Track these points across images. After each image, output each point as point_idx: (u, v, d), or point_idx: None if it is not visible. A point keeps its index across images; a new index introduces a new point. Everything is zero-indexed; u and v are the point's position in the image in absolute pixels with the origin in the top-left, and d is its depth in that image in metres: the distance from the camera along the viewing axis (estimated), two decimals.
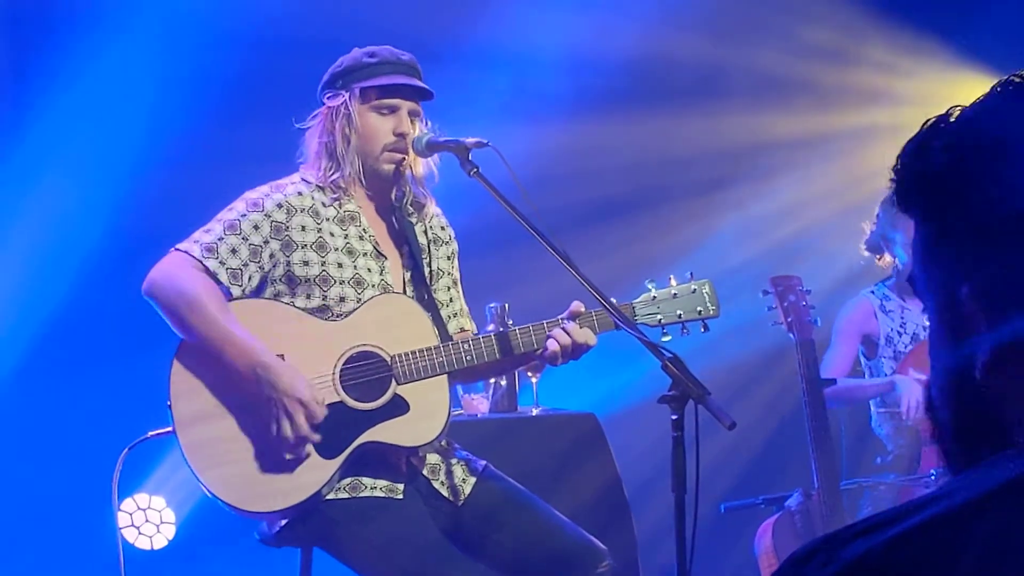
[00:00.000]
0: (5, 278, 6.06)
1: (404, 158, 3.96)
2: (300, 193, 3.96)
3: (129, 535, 6.44)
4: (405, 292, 4.01)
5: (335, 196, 3.97)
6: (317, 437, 3.77)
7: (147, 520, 6.53)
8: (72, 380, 6.21)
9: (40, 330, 6.18)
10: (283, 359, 3.80)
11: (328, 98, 3.99)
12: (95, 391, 6.12)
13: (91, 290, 5.98)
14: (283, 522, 3.90)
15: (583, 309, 3.87)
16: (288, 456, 3.79)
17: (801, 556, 1.33)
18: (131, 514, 6.47)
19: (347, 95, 3.94)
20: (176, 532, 6.58)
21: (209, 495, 3.82)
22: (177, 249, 3.84)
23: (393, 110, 3.94)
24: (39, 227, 6.23)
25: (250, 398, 3.82)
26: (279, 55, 6.07)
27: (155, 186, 6.04)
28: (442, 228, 4.18)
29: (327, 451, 3.81)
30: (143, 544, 6.50)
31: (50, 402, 6.21)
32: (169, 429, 3.88)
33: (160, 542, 6.54)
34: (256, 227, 3.88)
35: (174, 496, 6.54)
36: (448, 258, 4.17)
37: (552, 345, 3.84)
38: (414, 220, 4.10)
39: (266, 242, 3.89)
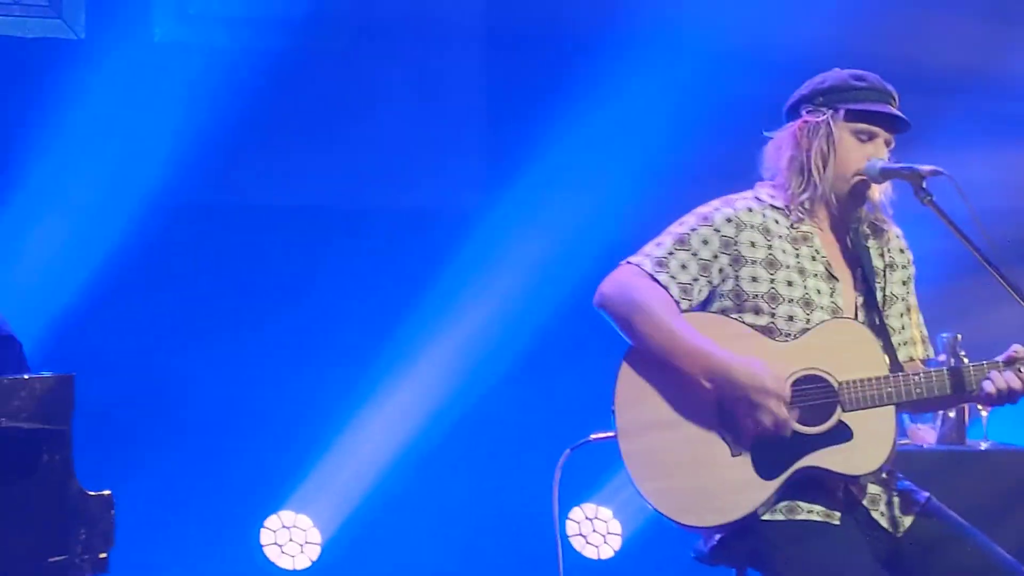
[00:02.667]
0: (494, 289, 6.64)
1: (867, 178, 3.97)
2: (750, 209, 3.99)
3: (576, 543, 6.80)
4: (856, 316, 4.00)
5: (798, 216, 4.00)
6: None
7: (594, 530, 6.88)
8: (532, 378, 6.67)
9: (524, 330, 6.72)
10: None
11: (807, 112, 4.01)
12: (549, 389, 6.55)
13: (563, 298, 6.36)
14: (717, 539, 3.95)
15: (1021, 354, 3.82)
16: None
17: None
18: (579, 523, 6.85)
19: (829, 113, 3.96)
20: (622, 544, 6.83)
21: (647, 504, 3.91)
22: (628, 262, 3.95)
23: (872, 137, 3.97)
24: (535, 236, 6.77)
25: (702, 405, 3.89)
26: (755, 75, 6.26)
27: (625, 200, 6.40)
28: (900, 251, 4.14)
29: (767, 471, 3.84)
30: (590, 553, 6.86)
31: (509, 399, 6.69)
32: (611, 434, 3.99)
33: (606, 552, 6.90)
34: (705, 241, 3.94)
35: (622, 508, 6.80)
36: (903, 283, 4.13)
37: (987, 387, 3.80)
38: (870, 244, 4.09)
39: (715, 256, 3.94)
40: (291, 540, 6.76)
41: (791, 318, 3.94)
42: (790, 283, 3.97)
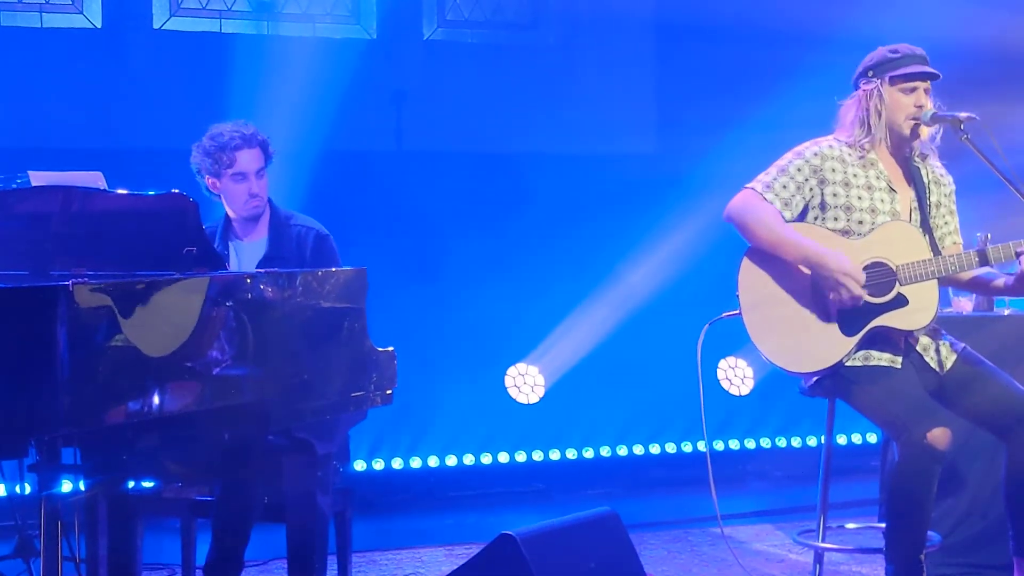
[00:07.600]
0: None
1: (920, 122, 4.61)
2: (831, 146, 4.67)
3: (724, 384, 7.89)
4: (911, 219, 4.63)
5: (861, 152, 4.65)
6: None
7: (735, 374, 7.98)
8: (685, 280, 7.72)
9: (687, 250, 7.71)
10: None
11: (864, 84, 4.68)
12: (695, 280, 7.51)
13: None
14: (814, 380, 4.65)
15: None
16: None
17: None
18: (724, 370, 7.94)
19: (878, 81, 4.63)
20: (754, 385, 7.88)
21: (765, 359, 4.59)
22: (746, 187, 4.67)
23: (913, 89, 4.62)
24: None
25: (800, 286, 4.50)
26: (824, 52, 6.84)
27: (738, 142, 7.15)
28: (941, 174, 4.77)
29: (849, 330, 4.52)
30: (733, 391, 7.97)
31: (681, 294, 7.66)
32: (736, 312, 4.64)
33: (744, 390, 7.99)
34: (799, 169, 4.62)
35: (755, 359, 7.85)
36: (947, 195, 4.76)
37: None
38: (920, 167, 4.70)
39: (806, 180, 4.61)
40: (524, 383, 7.86)
41: (861, 222, 4.60)
42: (860, 197, 4.60)
